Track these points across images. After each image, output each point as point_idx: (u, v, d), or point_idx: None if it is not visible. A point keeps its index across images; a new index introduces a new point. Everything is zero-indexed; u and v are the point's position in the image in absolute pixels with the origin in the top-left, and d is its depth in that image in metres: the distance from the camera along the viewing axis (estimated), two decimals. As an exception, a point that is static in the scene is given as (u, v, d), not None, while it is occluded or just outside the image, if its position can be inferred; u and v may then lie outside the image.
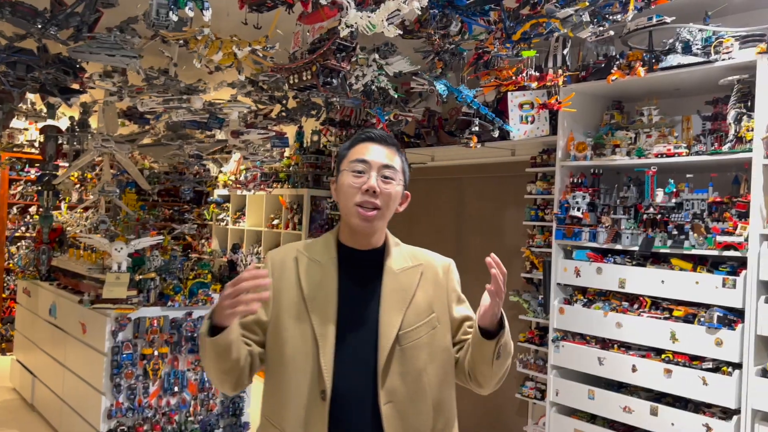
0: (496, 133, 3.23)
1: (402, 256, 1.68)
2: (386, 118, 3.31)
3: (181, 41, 2.89)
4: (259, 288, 1.43)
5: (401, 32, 2.62)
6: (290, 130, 6.41)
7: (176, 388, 3.99)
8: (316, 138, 6.21)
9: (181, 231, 6.49)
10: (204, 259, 5.74)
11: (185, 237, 7.15)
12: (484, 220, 5.06)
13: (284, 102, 4.48)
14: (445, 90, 2.94)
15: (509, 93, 3.76)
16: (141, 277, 4.12)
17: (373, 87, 3.10)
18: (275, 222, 6.57)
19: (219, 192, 7.64)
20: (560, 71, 3.26)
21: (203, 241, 7.81)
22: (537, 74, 3.20)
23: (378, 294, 1.61)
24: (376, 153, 1.63)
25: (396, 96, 3.09)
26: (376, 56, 3.07)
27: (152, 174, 7.20)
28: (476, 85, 3.48)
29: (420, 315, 1.62)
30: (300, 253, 1.67)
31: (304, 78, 2.77)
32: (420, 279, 1.65)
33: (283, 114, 4.66)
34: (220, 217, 7.68)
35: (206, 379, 4.07)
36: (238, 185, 6.45)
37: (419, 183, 5.61)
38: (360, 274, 1.65)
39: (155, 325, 3.91)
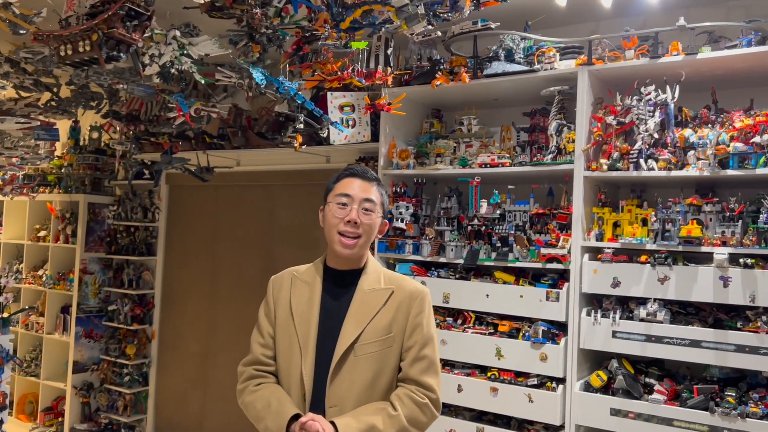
0: (325, 133, 2.87)
1: (376, 279, 1.89)
2: (189, 109, 2.75)
3: None
4: None
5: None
6: (63, 125, 5.40)
7: None
8: (96, 135, 5.30)
9: None
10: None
11: None
12: (296, 231, 4.66)
13: (55, 90, 3.64)
14: (262, 79, 2.49)
15: (329, 93, 3.41)
16: None
17: (173, 70, 2.54)
18: (42, 234, 5.50)
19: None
20: (389, 69, 3.00)
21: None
22: (365, 70, 2.90)
23: (347, 310, 1.84)
24: (357, 188, 1.88)
25: (203, 81, 2.56)
26: (177, 33, 2.52)
27: None
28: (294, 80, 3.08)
29: (378, 332, 1.82)
30: (294, 276, 1.96)
31: (81, 49, 2.14)
32: (387, 300, 1.85)
33: (53, 104, 3.81)
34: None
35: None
36: (-10, 188, 5.27)
37: (223, 190, 5.04)
38: (338, 291, 1.89)
39: None
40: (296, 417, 1.76)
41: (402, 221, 3.34)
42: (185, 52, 2.47)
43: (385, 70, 2.92)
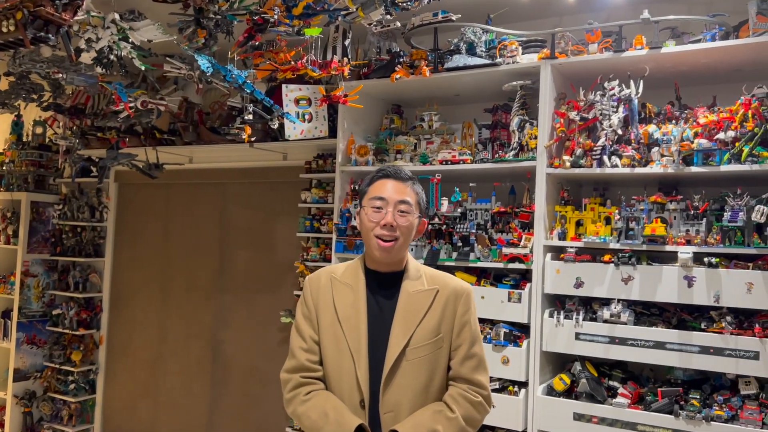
0: (276, 125, 2.71)
1: (419, 279, 1.85)
2: (131, 101, 2.57)
3: None
4: None
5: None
6: (5, 120, 5.12)
7: None
8: (40, 130, 5.02)
9: None
10: None
11: None
12: (252, 231, 4.48)
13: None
14: (208, 67, 2.33)
15: (284, 86, 3.26)
16: None
17: (111, 56, 2.36)
18: (-19, 234, 5.18)
19: None
20: (345, 60, 2.86)
21: None
22: (321, 60, 2.76)
23: (393, 313, 1.81)
24: (391, 190, 1.82)
25: (143, 68, 2.38)
26: (116, 16, 2.34)
27: None
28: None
29: (427, 334, 1.79)
30: (334, 278, 1.89)
31: (4, 29, 1.95)
32: (432, 301, 1.82)
33: (-10, 95, 3.57)
34: None
35: None
36: None
37: (174, 188, 4.83)
38: (382, 294, 1.85)
39: None
40: (360, 427, 1.71)
41: (360, 220, 3.20)
42: (125, 36, 2.29)
43: (341, 61, 2.78)
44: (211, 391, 4.60)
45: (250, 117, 2.47)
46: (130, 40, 2.42)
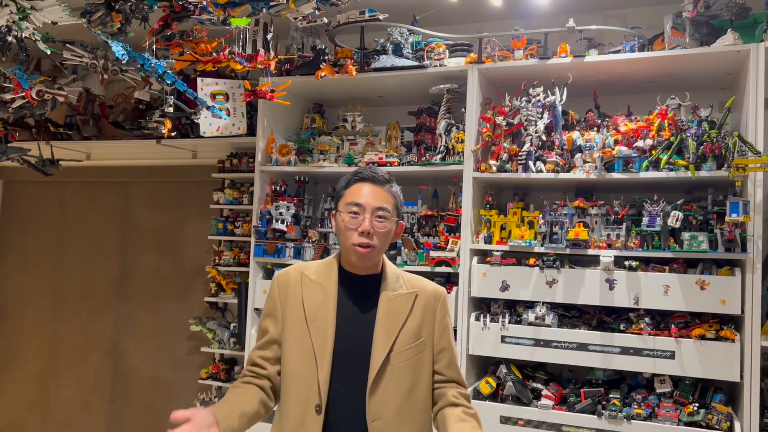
0: (200, 118, 2.53)
1: (398, 283, 1.81)
2: (31, 86, 2.31)
3: None
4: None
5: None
6: None
7: None
8: None
9: None
10: None
11: None
12: (157, 234, 4.21)
13: None
14: (124, 54, 2.13)
15: (199, 79, 3.06)
16: None
17: (10, 38, 2.10)
18: None
19: None
20: (272, 54, 2.72)
21: None
22: (246, 53, 2.60)
23: (373, 317, 1.76)
24: (368, 195, 1.75)
25: (49, 52, 2.13)
26: (16, -7, 2.08)
27: None
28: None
29: (410, 338, 1.76)
30: (304, 275, 1.82)
31: None
32: (413, 305, 1.79)
33: None
34: None
35: None
36: None
37: (70, 186, 4.46)
38: (358, 297, 1.79)
39: None
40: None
41: (282, 222, 3.08)
42: (25, 16, 2.04)
43: (267, 54, 2.64)
44: (110, 405, 4.27)
45: (171, 110, 2.28)
46: (31, 20, 2.18)
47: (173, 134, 2.46)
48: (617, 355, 2.54)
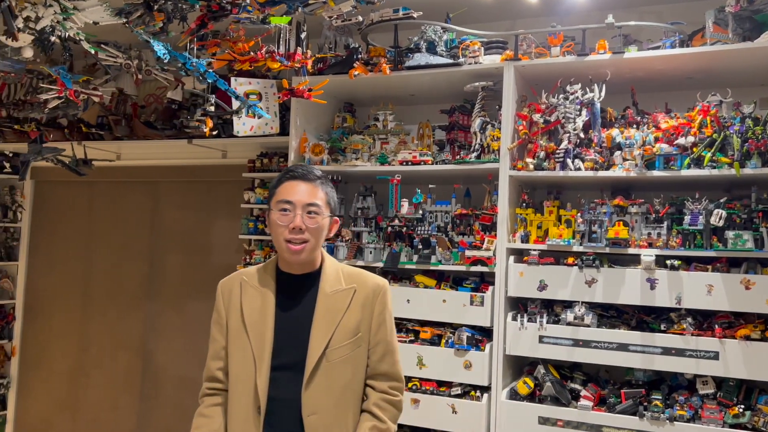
0: (241, 117, 2.53)
1: (336, 278, 1.84)
2: (75, 87, 2.32)
3: None
4: None
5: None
6: None
7: None
8: (-57, 121, 4.53)
9: None
10: None
11: None
12: (187, 233, 4.22)
13: None
14: (165, 53, 2.13)
15: (232, 79, 3.07)
16: None
17: (53, 38, 2.11)
18: None
19: None
20: (309, 52, 2.72)
21: None
22: (283, 51, 2.60)
23: (311, 314, 1.78)
24: (299, 192, 1.79)
25: (93, 51, 2.15)
26: (60, -7, 2.09)
27: None
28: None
29: (347, 334, 1.79)
30: (244, 281, 1.86)
31: (-66, -1, 1.69)
32: (351, 300, 1.82)
33: None
34: None
35: None
36: None
37: (99, 186, 4.49)
38: (296, 297, 1.82)
39: None
40: None
41: (315, 222, 3.06)
42: (70, 16, 2.05)
43: (305, 53, 2.64)
44: (139, 404, 4.29)
45: (212, 108, 2.28)
46: (73, 20, 2.19)
47: (215, 133, 2.45)
48: (658, 356, 2.50)
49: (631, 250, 2.58)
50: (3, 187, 4.55)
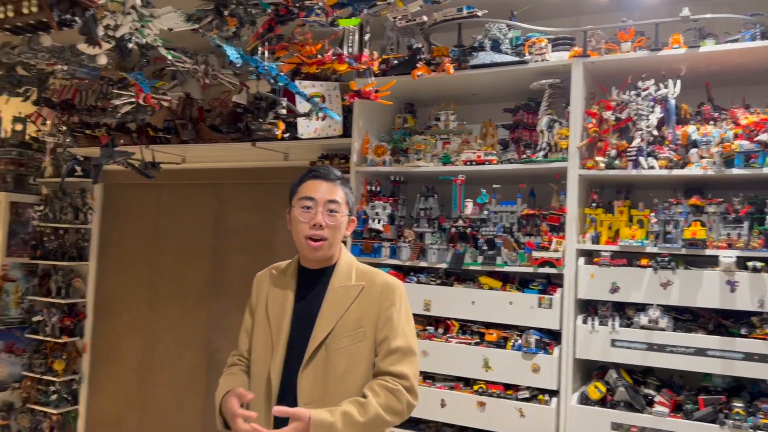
0: (312, 119, 2.56)
1: (347, 275, 1.93)
2: (153, 92, 2.39)
3: None
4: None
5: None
6: (-20, 115, 4.82)
7: None
8: (20, 127, 4.74)
9: None
10: None
11: None
12: (249, 234, 4.30)
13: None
14: (238, 58, 2.17)
15: (298, 82, 3.10)
16: None
17: (131, 45, 2.18)
18: (-46, 237, 4.87)
19: None
20: (375, 54, 2.72)
21: None
22: (348, 53, 2.62)
23: (320, 307, 1.89)
24: (321, 190, 1.90)
25: (170, 57, 2.21)
26: (137, 1, 2.16)
27: None
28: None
29: (348, 327, 1.86)
30: (272, 274, 2.02)
31: (26, 10, 1.76)
32: (357, 296, 1.90)
33: (-27, 89, 3.31)
34: None
35: None
36: None
37: (165, 189, 4.62)
38: (311, 290, 1.93)
39: None
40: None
41: (378, 222, 3.08)
42: (149, 21, 2.11)
43: (371, 55, 2.64)
44: (205, 402, 4.38)
45: (284, 111, 2.32)
46: (149, 27, 2.25)
47: (286, 135, 2.49)
48: (740, 361, 2.39)
49: (709, 251, 2.48)
50: (74, 190, 4.72)
